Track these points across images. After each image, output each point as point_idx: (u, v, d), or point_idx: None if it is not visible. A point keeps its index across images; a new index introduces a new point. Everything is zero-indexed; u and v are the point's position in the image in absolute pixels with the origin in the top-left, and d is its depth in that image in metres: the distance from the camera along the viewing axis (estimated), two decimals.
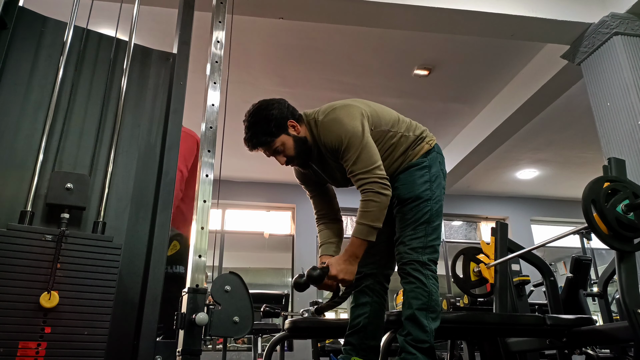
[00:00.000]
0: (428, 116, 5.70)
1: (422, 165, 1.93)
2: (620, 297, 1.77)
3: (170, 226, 1.49)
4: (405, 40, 4.39)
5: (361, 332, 1.92)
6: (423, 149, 1.97)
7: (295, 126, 1.93)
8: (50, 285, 1.18)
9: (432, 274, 1.81)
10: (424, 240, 1.84)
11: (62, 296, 1.19)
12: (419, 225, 1.86)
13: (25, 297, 1.17)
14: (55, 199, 1.32)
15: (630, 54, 3.56)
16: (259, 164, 6.83)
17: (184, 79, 1.65)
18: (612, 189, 1.80)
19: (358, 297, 1.98)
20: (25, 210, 1.30)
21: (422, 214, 1.87)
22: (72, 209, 1.34)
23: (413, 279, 1.79)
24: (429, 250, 1.84)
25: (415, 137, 1.99)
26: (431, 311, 1.76)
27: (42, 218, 1.34)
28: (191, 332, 1.32)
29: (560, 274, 7.71)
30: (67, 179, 1.35)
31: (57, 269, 1.21)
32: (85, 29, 1.61)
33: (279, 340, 2.79)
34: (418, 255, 1.81)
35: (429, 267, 1.82)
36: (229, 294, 1.38)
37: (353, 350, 1.91)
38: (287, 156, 1.92)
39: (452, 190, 7.40)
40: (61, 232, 1.25)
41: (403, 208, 1.90)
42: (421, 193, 1.89)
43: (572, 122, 5.75)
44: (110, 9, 2.76)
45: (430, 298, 1.76)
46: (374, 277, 1.99)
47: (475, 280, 2.61)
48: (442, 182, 1.97)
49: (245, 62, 4.68)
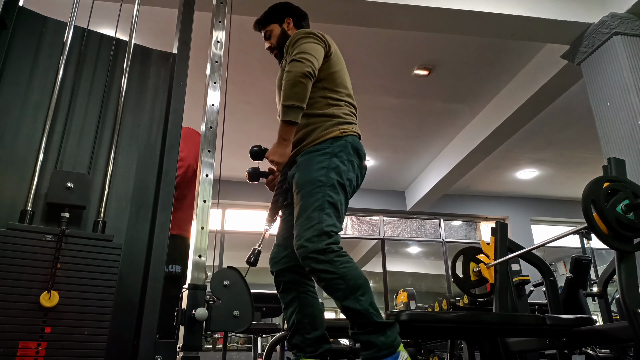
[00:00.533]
0: (428, 116, 5.70)
1: (324, 152, 1.81)
2: (620, 297, 1.77)
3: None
4: (405, 40, 4.39)
5: (299, 330, 1.83)
6: (332, 132, 1.85)
7: (289, 23, 2.16)
8: (50, 284, 1.19)
9: (335, 256, 1.65)
10: (319, 227, 1.67)
11: (62, 296, 1.19)
12: (312, 212, 1.71)
13: (25, 296, 1.17)
14: (55, 198, 1.33)
15: (630, 54, 3.56)
16: (258, 164, 6.83)
17: (184, 79, 1.65)
18: (612, 189, 1.80)
19: (284, 297, 1.89)
20: (25, 209, 1.30)
21: (314, 200, 1.72)
22: (72, 208, 1.34)
23: (321, 274, 1.66)
24: (325, 237, 1.67)
25: (336, 115, 1.90)
26: (355, 290, 1.63)
27: (43, 217, 1.35)
28: (191, 328, 1.32)
29: (560, 274, 7.71)
30: (68, 178, 1.35)
31: (57, 268, 1.21)
32: (86, 29, 1.61)
33: (279, 340, 2.79)
34: (315, 245, 1.65)
35: (329, 251, 1.65)
36: (228, 288, 1.39)
37: (300, 352, 1.82)
38: (271, 44, 2.17)
39: (452, 190, 7.40)
40: (61, 232, 1.25)
41: (297, 196, 1.79)
42: (315, 178, 1.76)
43: (572, 122, 5.74)
44: (110, 9, 2.76)
45: (346, 281, 1.63)
46: (290, 271, 1.88)
47: (475, 280, 2.61)
48: (348, 174, 1.82)
49: (245, 62, 4.68)
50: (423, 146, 6.40)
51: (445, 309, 3.59)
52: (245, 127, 5.83)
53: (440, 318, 2.35)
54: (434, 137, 6.21)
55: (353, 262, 1.70)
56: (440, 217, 8.06)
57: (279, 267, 1.90)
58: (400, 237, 7.93)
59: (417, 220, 8.05)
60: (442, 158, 6.65)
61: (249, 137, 6.22)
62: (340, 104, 1.94)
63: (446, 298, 3.68)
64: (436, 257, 8.30)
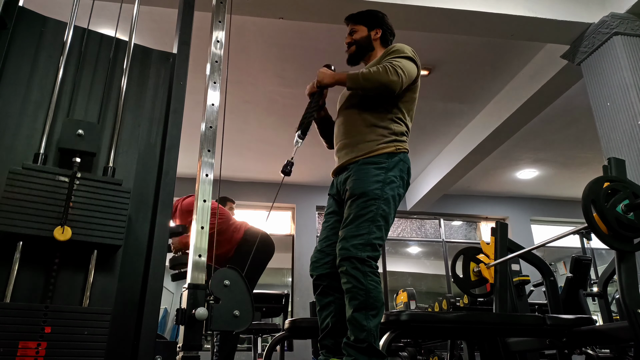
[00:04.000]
0: (428, 116, 5.70)
1: (380, 166, 1.93)
2: (620, 297, 1.77)
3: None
4: (406, 40, 4.38)
5: (332, 333, 1.91)
6: (388, 148, 1.97)
7: (377, 33, 2.25)
8: (64, 220, 1.24)
9: (370, 271, 1.79)
10: (367, 238, 1.80)
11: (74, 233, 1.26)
12: (363, 222, 1.83)
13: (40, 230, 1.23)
14: (67, 144, 1.38)
15: (630, 54, 3.56)
16: (259, 164, 6.84)
17: (184, 79, 1.65)
18: (612, 189, 1.80)
19: (321, 300, 1.97)
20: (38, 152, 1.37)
21: (368, 211, 1.84)
22: (83, 154, 1.39)
23: (350, 278, 1.77)
24: (369, 248, 1.80)
25: (395, 132, 2.02)
26: (370, 309, 1.74)
27: (54, 163, 1.41)
28: (191, 328, 1.32)
29: (560, 274, 7.71)
30: (79, 126, 1.41)
31: (70, 207, 1.27)
32: (86, 29, 1.61)
33: (279, 340, 2.79)
34: (357, 252, 1.78)
35: (367, 264, 1.79)
36: (228, 288, 1.39)
37: (329, 352, 1.90)
38: (353, 39, 2.24)
39: (452, 190, 7.40)
40: (73, 173, 1.31)
41: (351, 204, 1.89)
42: (371, 191, 1.87)
43: (572, 122, 5.74)
44: (110, 9, 2.77)
45: (368, 296, 1.74)
46: (330, 277, 1.96)
47: (475, 280, 2.62)
48: (399, 189, 1.95)
49: (245, 62, 4.68)
50: (423, 146, 6.40)
51: (445, 309, 3.59)
52: (245, 127, 5.84)
53: (440, 318, 2.36)
54: (433, 137, 6.21)
55: (380, 285, 1.82)
56: (440, 217, 8.06)
57: (319, 272, 1.99)
58: (400, 237, 7.93)
59: (417, 220, 8.05)
60: (442, 158, 6.65)
61: (249, 137, 6.25)
62: (401, 124, 2.06)
63: (446, 298, 3.68)
64: (436, 257, 8.30)
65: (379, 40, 2.24)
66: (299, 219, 7.47)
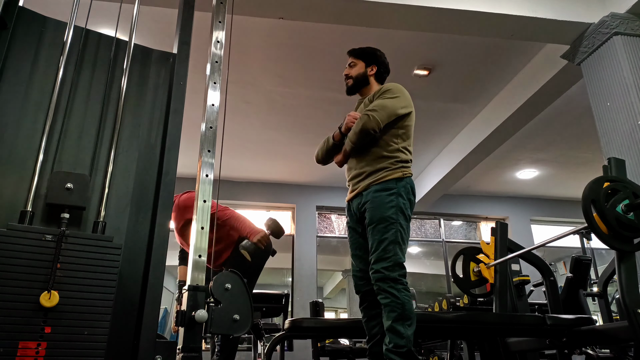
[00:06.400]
0: (428, 116, 5.70)
1: (392, 192, 2.18)
2: (620, 297, 1.77)
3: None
4: (405, 40, 4.39)
5: (380, 342, 2.12)
6: (396, 173, 2.21)
7: (373, 70, 2.50)
8: (50, 284, 1.18)
9: (403, 287, 2.06)
10: (394, 259, 2.08)
11: (62, 296, 1.19)
12: (388, 245, 2.09)
13: (25, 296, 1.17)
14: (55, 199, 1.32)
15: (630, 54, 3.55)
16: (259, 164, 6.84)
17: (184, 79, 1.65)
18: (612, 189, 1.80)
19: (369, 311, 2.22)
20: (25, 210, 1.30)
21: (390, 235, 2.11)
22: (72, 209, 1.34)
23: (388, 295, 2.04)
24: (398, 268, 2.08)
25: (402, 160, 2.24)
26: (406, 319, 2.00)
27: (42, 218, 1.34)
28: (191, 330, 1.32)
29: (560, 274, 7.71)
30: (67, 179, 1.35)
31: (57, 268, 1.21)
32: (85, 29, 1.61)
33: (279, 340, 2.79)
34: (389, 273, 2.06)
35: (400, 282, 2.06)
36: (229, 292, 1.38)
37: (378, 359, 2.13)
38: (351, 72, 2.50)
39: (452, 190, 7.40)
40: (61, 232, 1.25)
41: (373, 231, 2.14)
42: (388, 217, 2.13)
43: (572, 122, 5.74)
44: (110, 9, 2.77)
45: (404, 309, 2.01)
46: (374, 293, 2.17)
47: (475, 280, 2.62)
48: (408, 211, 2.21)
49: (245, 62, 4.68)
50: (423, 146, 6.40)
51: (445, 309, 3.59)
52: (245, 127, 5.84)
53: (440, 318, 2.36)
54: (433, 137, 6.21)
55: (411, 299, 2.10)
56: (440, 217, 8.06)
57: (366, 288, 2.24)
58: None
59: (417, 220, 8.05)
60: (442, 158, 6.65)
61: (249, 137, 6.25)
62: (405, 152, 2.30)
63: (446, 298, 3.68)
64: (436, 257, 8.30)
65: (374, 76, 2.51)
66: (299, 219, 7.47)
